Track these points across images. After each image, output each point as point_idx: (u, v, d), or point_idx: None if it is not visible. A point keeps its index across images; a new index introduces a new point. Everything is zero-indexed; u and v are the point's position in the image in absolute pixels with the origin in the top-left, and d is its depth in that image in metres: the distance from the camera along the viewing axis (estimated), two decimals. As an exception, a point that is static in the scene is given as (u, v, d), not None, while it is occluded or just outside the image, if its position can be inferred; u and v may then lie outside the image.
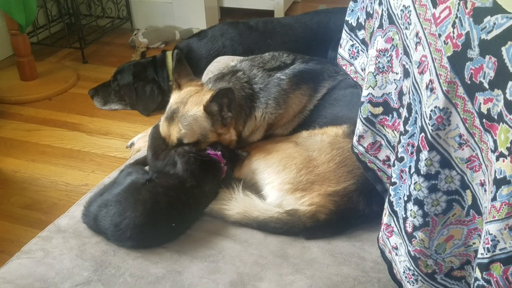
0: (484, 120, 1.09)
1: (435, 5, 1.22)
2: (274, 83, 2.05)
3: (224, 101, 1.88)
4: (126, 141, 3.09)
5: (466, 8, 1.11)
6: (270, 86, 2.05)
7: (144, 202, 1.67)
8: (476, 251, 1.23)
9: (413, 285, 1.37)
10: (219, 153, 1.88)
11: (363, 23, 1.69)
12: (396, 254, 1.45)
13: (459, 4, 1.13)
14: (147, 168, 1.93)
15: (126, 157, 2.80)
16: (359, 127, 1.61)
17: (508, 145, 1.00)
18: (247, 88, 2.04)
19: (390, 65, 1.48)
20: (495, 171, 1.03)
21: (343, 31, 1.84)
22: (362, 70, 1.78)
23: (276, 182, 1.86)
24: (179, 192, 1.75)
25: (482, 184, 1.15)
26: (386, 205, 1.48)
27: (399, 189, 1.40)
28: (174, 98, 1.99)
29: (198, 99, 1.94)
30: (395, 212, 1.43)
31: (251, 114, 2.03)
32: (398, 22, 1.42)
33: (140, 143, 2.55)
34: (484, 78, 1.06)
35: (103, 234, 1.69)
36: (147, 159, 1.96)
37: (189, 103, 1.93)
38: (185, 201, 1.74)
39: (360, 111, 1.59)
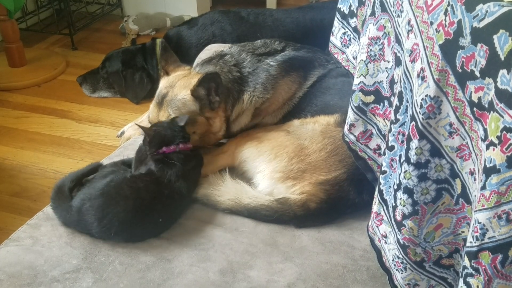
0: (474, 109, 1.09)
1: (427, -7, 1.22)
2: (263, 68, 2.05)
3: (211, 85, 1.87)
4: (116, 129, 3.07)
5: (459, -4, 1.11)
6: (259, 71, 2.04)
7: (126, 197, 1.65)
8: (465, 240, 1.24)
9: (401, 273, 1.38)
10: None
11: (355, 11, 1.68)
12: (386, 243, 1.45)
13: (451, -8, 1.13)
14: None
15: (116, 145, 2.79)
16: (350, 116, 1.61)
17: (498, 133, 1.00)
18: (234, 71, 2.03)
19: (382, 53, 1.47)
20: (485, 159, 1.04)
21: (335, 18, 1.83)
22: (353, 58, 1.78)
23: (267, 170, 1.86)
24: (159, 185, 1.72)
25: (472, 173, 1.16)
26: (376, 193, 1.49)
27: (389, 178, 1.41)
28: (163, 83, 1.98)
29: (186, 82, 1.93)
30: (385, 201, 1.43)
31: (239, 98, 2.02)
32: (390, 10, 1.41)
33: (130, 131, 2.53)
34: (475, 67, 1.06)
35: (86, 229, 1.65)
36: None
37: (177, 87, 1.92)
38: (166, 195, 1.72)
39: (352, 100, 1.58)
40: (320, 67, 2.10)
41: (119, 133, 2.67)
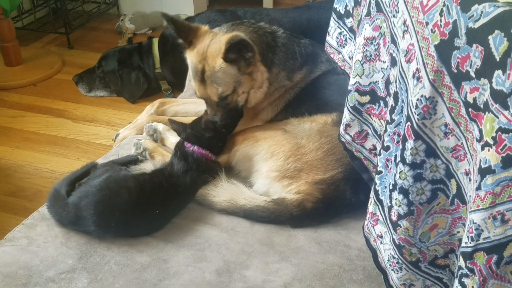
0: (470, 109, 1.09)
1: (423, -7, 1.21)
2: (292, 52, 2.09)
3: (239, 47, 1.89)
4: (112, 128, 3.07)
5: (454, -4, 1.11)
6: (289, 52, 2.09)
7: (129, 189, 1.66)
8: (460, 240, 1.24)
9: (397, 273, 1.38)
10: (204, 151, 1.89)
11: (351, 11, 1.68)
12: (381, 243, 1.45)
13: (447, -8, 1.13)
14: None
15: (112, 144, 2.78)
16: (346, 116, 1.61)
17: (494, 134, 1.00)
18: (269, 38, 2.06)
19: (378, 54, 1.47)
20: (480, 160, 1.04)
21: (331, 18, 1.83)
22: (349, 58, 1.77)
23: (263, 169, 1.86)
24: (162, 180, 1.77)
25: (467, 173, 1.16)
26: (372, 194, 1.48)
27: (385, 178, 1.41)
28: (193, 56, 1.97)
29: (217, 48, 1.92)
30: (380, 201, 1.43)
31: (271, 68, 2.05)
32: (386, 10, 1.41)
33: (125, 132, 2.52)
34: (470, 67, 1.06)
35: (82, 225, 1.65)
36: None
37: (210, 57, 1.93)
38: (167, 189, 1.75)
39: (347, 100, 1.58)
40: (326, 62, 2.13)
41: (114, 137, 2.67)
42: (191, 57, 1.99)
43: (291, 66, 2.09)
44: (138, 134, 2.35)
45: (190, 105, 2.50)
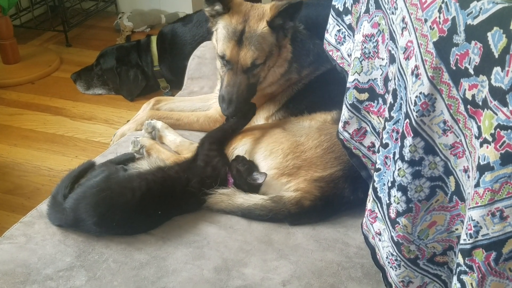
0: (468, 106, 1.09)
1: (421, -10, 1.21)
2: (307, 50, 2.11)
3: (289, 13, 1.89)
4: (110, 126, 3.07)
5: (453, -7, 1.10)
6: (304, 49, 2.11)
7: (132, 189, 1.66)
8: (458, 237, 1.24)
9: (395, 270, 1.38)
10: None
11: (350, 8, 1.67)
12: (380, 240, 1.45)
13: (445, -11, 1.12)
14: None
15: (110, 142, 2.78)
16: (345, 113, 1.61)
17: (492, 131, 1.00)
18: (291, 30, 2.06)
19: (376, 51, 1.47)
20: (479, 157, 1.04)
21: (330, 16, 1.82)
22: (348, 55, 1.77)
23: (262, 167, 1.86)
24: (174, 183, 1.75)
25: (466, 170, 1.16)
26: (370, 191, 1.48)
27: (383, 175, 1.41)
28: (233, 18, 1.93)
29: (260, 12, 1.92)
30: (379, 198, 1.43)
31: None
32: (384, 7, 1.41)
33: (124, 127, 2.51)
34: (469, 64, 1.06)
35: (82, 227, 1.64)
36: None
37: (252, 20, 1.91)
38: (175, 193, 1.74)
39: (346, 97, 1.58)
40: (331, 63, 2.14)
41: (112, 137, 2.66)
42: (229, 19, 1.94)
43: (303, 61, 2.11)
44: (138, 129, 2.34)
45: (186, 102, 2.50)
